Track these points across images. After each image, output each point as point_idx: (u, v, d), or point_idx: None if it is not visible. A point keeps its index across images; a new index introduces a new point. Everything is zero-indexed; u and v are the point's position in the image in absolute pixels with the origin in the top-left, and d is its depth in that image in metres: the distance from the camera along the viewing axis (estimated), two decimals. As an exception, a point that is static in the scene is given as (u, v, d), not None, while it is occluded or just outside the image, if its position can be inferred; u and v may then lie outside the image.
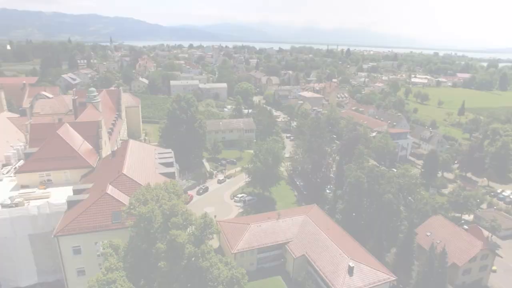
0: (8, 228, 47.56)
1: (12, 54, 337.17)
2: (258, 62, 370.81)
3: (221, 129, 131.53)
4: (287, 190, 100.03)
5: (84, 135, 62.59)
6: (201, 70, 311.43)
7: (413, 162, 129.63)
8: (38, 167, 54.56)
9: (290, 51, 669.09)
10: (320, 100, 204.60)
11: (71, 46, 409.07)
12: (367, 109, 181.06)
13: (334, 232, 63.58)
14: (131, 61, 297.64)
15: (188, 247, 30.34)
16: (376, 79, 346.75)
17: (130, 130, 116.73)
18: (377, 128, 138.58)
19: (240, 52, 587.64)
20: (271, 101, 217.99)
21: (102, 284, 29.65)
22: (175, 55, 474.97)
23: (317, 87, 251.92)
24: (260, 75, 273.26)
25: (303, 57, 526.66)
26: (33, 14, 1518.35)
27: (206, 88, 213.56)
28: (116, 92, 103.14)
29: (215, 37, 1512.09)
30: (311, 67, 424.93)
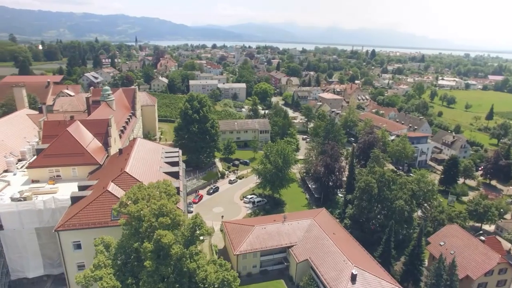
0: (16, 220, 49.11)
1: (43, 54, 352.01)
2: (279, 62, 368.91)
3: (236, 129, 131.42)
4: (299, 193, 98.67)
5: (94, 132, 63.97)
6: (222, 70, 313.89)
7: (433, 168, 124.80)
8: (47, 163, 56.15)
9: (314, 52, 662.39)
10: (340, 101, 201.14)
11: (97, 45, 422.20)
12: (388, 112, 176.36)
13: (340, 237, 61.85)
14: (153, 60, 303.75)
15: (175, 247, 30.08)
16: (400, 81, 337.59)
17: (146, 128, 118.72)
18: (396, 131, 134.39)
19: (263, 52, 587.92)
20: (290, 102, 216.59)
21: (88, 280, 29.97)
22: (198, 55, 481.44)
23: (338, 88, 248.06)
24: (280, 76, 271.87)
25: (327, 58, 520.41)
26: (64, 15, 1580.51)
27: (225, 88, 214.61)
28: (132, 91, 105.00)
29: (239, 37, 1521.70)
30: (334, 69, 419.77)
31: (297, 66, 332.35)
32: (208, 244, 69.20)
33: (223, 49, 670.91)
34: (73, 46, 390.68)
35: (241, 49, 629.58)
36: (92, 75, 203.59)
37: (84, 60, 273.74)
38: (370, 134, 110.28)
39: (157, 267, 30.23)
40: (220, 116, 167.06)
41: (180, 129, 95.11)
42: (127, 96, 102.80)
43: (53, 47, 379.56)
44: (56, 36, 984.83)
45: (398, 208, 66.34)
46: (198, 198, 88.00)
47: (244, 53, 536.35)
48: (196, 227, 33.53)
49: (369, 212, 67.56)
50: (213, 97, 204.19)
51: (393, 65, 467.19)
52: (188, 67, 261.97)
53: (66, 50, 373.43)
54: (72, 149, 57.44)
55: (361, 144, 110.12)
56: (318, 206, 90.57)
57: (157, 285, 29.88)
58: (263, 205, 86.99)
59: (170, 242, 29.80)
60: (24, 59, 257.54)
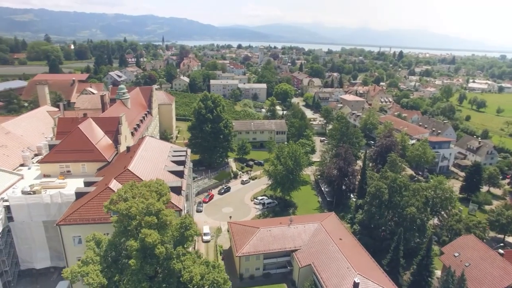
0: (25, 213, 51.00)
1: (74, 53, 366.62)
2: (302, 63, 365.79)
3: (252, 129, 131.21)
4: (311, 196, 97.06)
5: (105, 130, 65.53)
6: (244, 70, 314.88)
7: (455, 174, 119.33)
8: (58, 158, 58.01)
9: (340, 53, 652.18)
10: (362, 104, 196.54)
11: (125, 45, 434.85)
12: (411, 115, 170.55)
13: (347, 243, 60.05)
14: (177, 60, 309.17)
15: (160, 247, 30.03)
16: (428, 83, 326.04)
17: (163, 127, 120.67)
18: (417, 135, 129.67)
19: (288, 53, 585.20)
20: (311, 103, 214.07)
21: (75, 275, 30.49)
22: (223, 55, 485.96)
23: (361, 90, 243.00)
24: (302, 77, 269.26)
25: (352, 59, 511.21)
26: (97, 16, 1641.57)
27: (245, 88, 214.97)
28: (149, 90, 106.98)
29: (266, 38, 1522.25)
30: (359, 70, 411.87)
31: (320, 67, 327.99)
32: (213, 244, 69.35)
33: (248, 49, 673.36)
34: (103, 46, 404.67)
35: (266, 50, 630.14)
36: (116, 74, 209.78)
37: (110, 59, 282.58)
38: (388, 138, 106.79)
39: (142, 266, 30.28)
40: (239, 116, 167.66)
41: (194, 128, 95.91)
42: (144, 95, 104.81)
43: (84, 46, 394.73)
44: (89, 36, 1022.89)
45: (410, 215, 63.67)
46: (208, 197, 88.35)
47: (268, 54, 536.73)
48: (185, 228, 33.33)
49: (379, 218, 65.23)
50: (233, 97, 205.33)
51: (421, 67, 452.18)
52: (210, 67, 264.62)
53: (95, 50, 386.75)
54: (82, 145, 59.06)
55: (378, 147, 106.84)
56: (330, 209, 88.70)
57: (141, 284, 29.93)
58: (273, 207, 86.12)
59: (155, 241, 29.76)
60: (56, 58, 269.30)
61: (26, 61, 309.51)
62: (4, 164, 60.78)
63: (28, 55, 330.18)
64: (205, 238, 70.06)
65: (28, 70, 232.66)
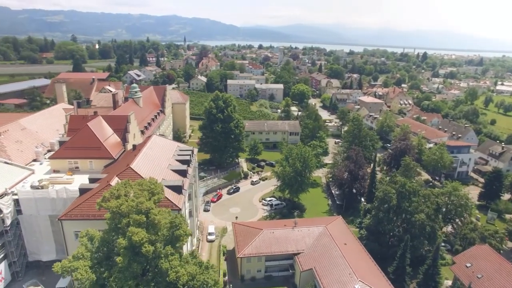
0: (32, 207, 52.65)
1: (98, 52, 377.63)
2: (321, 64, 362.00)
3: (265, 130, 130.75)
4: (321, 198, 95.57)
5: (114, 127, 66.77)
6: (263, 71, 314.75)
7: (475, 180, 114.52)
8: (67, 155, 59.57)
9: (362, 53, 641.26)
10: (380, 106, 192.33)
11: (147, 45, 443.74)
12: (431, 118, 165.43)
13: (351, 248, 58.61)
14: (196, 59, 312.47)
15: (147, 246, 30.11)
16: (452, 85, 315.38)
17: (176, 125, 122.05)
18: (435, 139, 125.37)
19: (308, 53, 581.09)
20: (328, 105, 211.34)
21: (65, 270, 31.05)
22: (243, 55, 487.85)
23: (380, 92, 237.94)
24: (321, 77, 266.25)
25: (374, 60, 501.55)
26: (123, 17, 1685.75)
27: (262, 88, 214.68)
28: (162, 89, 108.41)
29: (287, 38, 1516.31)
30: (380, 71, 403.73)
31: (340, 68, 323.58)
32: (217, 244, 69.36)
33: (269, 49, 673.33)
34: (126, 45, 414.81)
35: (286, 50, 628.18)
36: (135, 73, 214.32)
37: (131, 59, 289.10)
38: (402, 141, 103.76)
39: (130, 263, 30.45)
40: (254, 117, 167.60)
41: (204, 128, 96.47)
42: (158, 94, 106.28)
43: (108, 46, 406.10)
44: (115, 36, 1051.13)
45: (419, 222, 61.42)
46: (217, 197, 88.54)
47: (289, 54, 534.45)
48: (175, 227, 33.32)
49: (387, 224, 63.29)
50: (249, 97, 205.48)
51: (446, 69, 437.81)
52: (228, 67, 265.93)
53: (119, 49, 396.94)
54: (90, 143, 60.36)
55: (393, 150, 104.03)
56: (339, 213, 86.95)
57: (127, 281, 30.11)
58: (281, 208, 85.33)
59: (142, 240, 29.87)
60: (80, 57, 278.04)
61: (53, 60, 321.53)
62: (17, 159, 63.04)
63: (55, 54, 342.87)
64: (210, 238, 70.19)
65: (53, 69, 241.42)
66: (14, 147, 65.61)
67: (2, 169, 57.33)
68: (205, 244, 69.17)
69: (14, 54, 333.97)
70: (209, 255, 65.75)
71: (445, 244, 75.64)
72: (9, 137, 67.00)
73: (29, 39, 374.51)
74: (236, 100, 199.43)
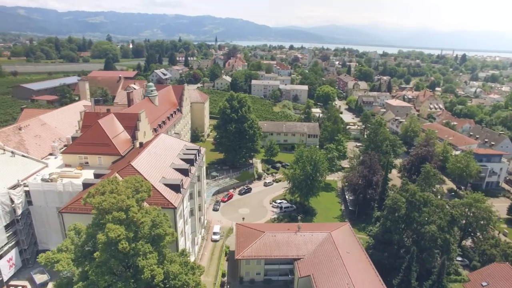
0: (41, 198, 55.18)
1: (131, 52, 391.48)
2: (350, 65, 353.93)
3: (284, 131, 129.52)
4: (335, 203, 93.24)
5: (124, 125, 68.52)
6: (290, 71, 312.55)
7: (506, 192, 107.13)
8: (78, 150, 61.81)
9: (396, 55, 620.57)
10: (408, 109, 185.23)
11: (179, 44, 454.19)
12: (462, 124, 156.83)
13: (354, 257, 56.47)
14: (224, 59, 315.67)
15: (123, 243, 30.43)
16: (492, 89, 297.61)
17: (195, 124, 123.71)
18: (463, 146, 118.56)
19: (340, 55, 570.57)
20: (353, 107, 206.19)
21: (48, 261, 32.07)
22: (273, 56, 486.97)
23: (410, 95, 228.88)
24: (348, 79, 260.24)
25: (408, 62, 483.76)
26: (158, 17, 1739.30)
27: (286, 89, 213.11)
28: (180, 88, 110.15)
29: (319, 39, 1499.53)
30: (413, 74, 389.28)
31: (369, 70, 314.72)
32: (221, 244, 69.36)
33: (300, 50, 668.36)
34: (158, 45, 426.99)
35: (317, 51, 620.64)
36: (162, 72, 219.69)
37: (160, 58, 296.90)
38: (424, 147, 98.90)
39: (108, 259, 30.94)
40: (275, 117, 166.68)
41: (218, 128, 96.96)
42: (176, 93, 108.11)
43: (140, 45, 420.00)
44: (150, 35, 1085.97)
45: (429, 233, 58.15)
46: (227, 197, 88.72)
47: (320, 55, 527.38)
48: (155, 226, 33.49)
49: (395, 233, 60.44)
50: (273, 98, 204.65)
51: (487, 72, 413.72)
52: (254, 67, 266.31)
53: (151, 48, 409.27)
54: (100, 139, 62.22)
55: (413, 157, 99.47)
56: (351, 219, 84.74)
57: (104, 276, 30.60)
58: (290, 211, 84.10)
59: (118, 236, 30.23)
60: (113, 56, 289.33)
61: (89, 59, 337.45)
62: (34, 153, 66.32)
63: (91, 53, 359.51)
64: (214, 237, 70.34)
65: (87, 67, 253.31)
66: (33, 141, 69.08)
67: (19, 162, 60.57)
68: (209, 244, 69.40)
69: (55, 53, 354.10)
70: (211, 254, 65.88)
71: (463, 259, 71.38)
72: (29, 131, 70.67)
73: (69, 39, 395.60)
74: (259, 101, 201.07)
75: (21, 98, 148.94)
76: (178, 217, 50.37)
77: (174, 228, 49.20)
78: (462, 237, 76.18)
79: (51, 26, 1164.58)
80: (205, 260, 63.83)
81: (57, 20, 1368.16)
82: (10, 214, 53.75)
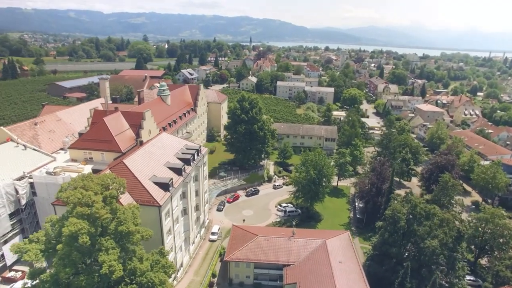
0: (44, 190, 58.22)
1: (166, 51, 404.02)
2: (383, 68, 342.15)
3: (301, 134, 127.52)
4: (344, 210, 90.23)
5: (130, 123, 70.64)
6: (320, 73, 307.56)
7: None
8: (82, 146, 64.59)
9: (437, 58, 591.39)
10: (439, 115, 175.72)
11: (213, 44, 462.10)
12: (498, 132, 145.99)
13: (345, 268, 54.21)
14: (254, 60, 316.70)
15: (83, 237, 31.24)
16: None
17: (211, 124, 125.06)
18: (494, 156, 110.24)
19: (376, 57, 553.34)
20: (381, 111, 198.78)
21: (18, 250, 33.67)
22: (306, 57, 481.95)
23: (445, 100, 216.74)
24: (379, 82, 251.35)
25: (450, 65, 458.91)
26: (197, 18, 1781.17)
27: (312, 91, 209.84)
28: (196, 88, 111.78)
29: (357, 41, 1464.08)
30: (454, 78, 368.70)
31: (403, 73, 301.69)
32: (217, 244, 69.44)
33: (335, 52, 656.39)
34: (192, 45, 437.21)
35: (353, 53, 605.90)
36: (188, 72, 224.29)
37: (190, 58, 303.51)
38: (445, 155, 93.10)
39: (70, 252, 31.94)
40: (297, 119, 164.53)
41: (229, 128, 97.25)
42: (192, 93, 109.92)
43: (175, 45, 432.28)
44: (189, 35, 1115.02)
45: (430, 249, 54.52)
46: (233, 198, 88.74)
47: (355, 57, 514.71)
48: (119, 223, 34.10)
49: (393, 246, 57.33)
50: (297, 100, 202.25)
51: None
52: (282, 68, 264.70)
53: (186, 48, 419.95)
54: (103, 136, 64.64)
55: (432, 165, 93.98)
56: (358, 228, 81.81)
57: (65, 268, 31.62)
58: (294, 216, 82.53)
59: (79, 231, 31.11)
60: (147, 56, 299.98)
61: (124, 59, 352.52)
62: (46, 147, 70.25)
63: (128, 53, 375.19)
64: (211, 238, 70.64)
65: (120, 66, 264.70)
66: (46, 136, 73.21)
67: (29, 155, 64.48)
68: (206, 243, 69.76)
69: (95, 52, 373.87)
70: (206, 254, 66.18)
71: (476, 278, 66.39)
72: (44, 126, 74.99)
73: (108, 39, 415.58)
74: (283, 102, 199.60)
75: (55, 95, 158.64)
76: (165, 215, 51.06)
77: (159, 226, 50.18)
78: (478, 254, 70.98)
79: (96, 27, 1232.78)
80: (198, 259, 64.26)
81: (102, 21, 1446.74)
82: (14, 204, 57.32)
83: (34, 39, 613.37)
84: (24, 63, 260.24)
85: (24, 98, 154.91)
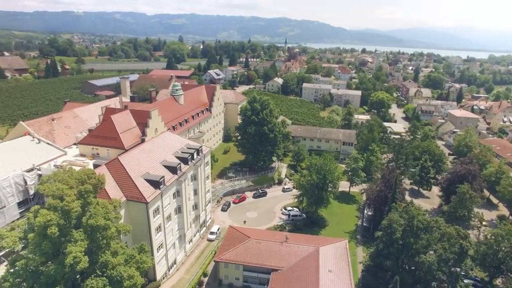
0: (51, 182, 61.77)
1: (200, 52, 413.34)
2: (418, 71, 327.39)
3: (317, 137, 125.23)
4: (352, 217, 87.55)
5: (137, 121, 73.08)
6: (351, 75, 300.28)
7: None
8: (90, 142, 67.78)
9: (483, 61, 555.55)
10: (474, 121, 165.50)
11: (247, 45, 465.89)
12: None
13: (334, 278, 52.58)
14: (285, 61, 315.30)
15: (52, 228, 32.89)
16: None
17: (228, 124, 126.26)
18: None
19: (416, 59, 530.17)
20: (410, 116, 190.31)
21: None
22: (341, 59, 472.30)
23: (483, 105, 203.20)
24: (411, 86, 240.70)
25: (496, 68, 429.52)
26: (235, 19, 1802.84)
27: (338, 94, 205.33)
28: (212, 88, 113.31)
29: (399, 43, 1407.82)
30: (499, 82, 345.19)
31: (439, 76, 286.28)
32: (215, 244, 69.97)
33: (372, 54, 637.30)
34: (226, 46, 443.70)
35: (391, 55, 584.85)
36: (215, 72, 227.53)
37: (221, 58, 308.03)
38: (466, 165, 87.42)
39: (40, 241, 33.80)
40: (319, 122, 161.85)
41: (239, 129, 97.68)
42: (208, 93, 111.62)
43: (209, 46, 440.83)
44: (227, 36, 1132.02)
45: (426, 264, 51.51)
46: (239, 198, 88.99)
47: (393, 59, 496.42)
48: (89, 217, 35.52)
49: (387, 258, 54.76)
50: (322, 102, 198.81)
51: None
52: (311, 70, 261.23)
53: (220, 49, 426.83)
54: (110, 133, 67.36)
55: (450, 175, 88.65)
56: (364, 237, 79.01)
57: (35, 256, 33.54)
58: (298, 220, 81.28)
59: (48, 222, 32.83)
60: (180, 56, 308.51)
61: (159, 58, 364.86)
62: (60, 141, 74.45)
63: (164, 53, 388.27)
64: (209, 237, 71.36)
65: (152, 66, 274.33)
66: (62, 131, 77.61)
67: (42, 148, 68.57)
68: (203, 242, 70.56)
69: (133, 53, 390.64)
70: (201, 253, 66.96)
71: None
72: (61, 122, 79.55)
73: (146, 39, 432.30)
74: (308, 104, 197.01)
75: (87, 93, 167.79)
76: (153, 212, 52.35)
77: (147, 222, 51.56)
78: (493, 274, 65.97)
79: (139, 28, 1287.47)
80: (192, 258, 65.16)
81: (145, 22, 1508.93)
82: (23, 193, 61.27)
83: (82, 40, 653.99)
84: (67, 62, 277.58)
85: (59, 95, 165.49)
